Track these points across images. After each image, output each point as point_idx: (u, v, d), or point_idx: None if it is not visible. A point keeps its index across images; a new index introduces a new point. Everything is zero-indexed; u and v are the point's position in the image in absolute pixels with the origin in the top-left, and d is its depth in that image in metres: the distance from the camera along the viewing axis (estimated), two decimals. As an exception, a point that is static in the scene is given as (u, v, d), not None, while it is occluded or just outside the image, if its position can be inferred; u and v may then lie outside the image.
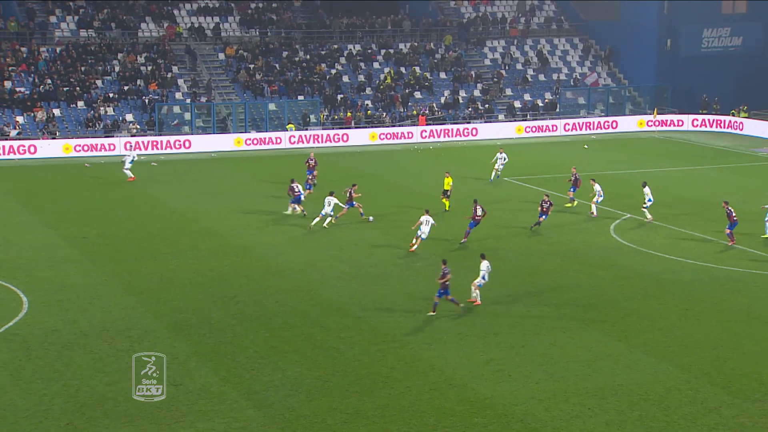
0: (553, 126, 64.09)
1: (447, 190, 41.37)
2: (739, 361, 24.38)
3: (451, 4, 75.72)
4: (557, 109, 67.29)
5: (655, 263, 33.44)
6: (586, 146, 59.21)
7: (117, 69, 62.98)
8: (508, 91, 68.80)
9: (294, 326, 27.17)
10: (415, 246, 34.72)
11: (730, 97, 66.73)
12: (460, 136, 62.57)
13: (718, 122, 63.99)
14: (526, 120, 65.40)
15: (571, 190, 42.05)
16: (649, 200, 38.95)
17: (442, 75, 69.02)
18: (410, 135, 62.11)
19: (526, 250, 35.33)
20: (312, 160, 45.71)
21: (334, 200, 37.92)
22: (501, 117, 66.31)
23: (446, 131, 62.75)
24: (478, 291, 28.98)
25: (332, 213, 38.05)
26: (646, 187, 39.30)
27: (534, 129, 63.89)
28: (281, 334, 26.58)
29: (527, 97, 68.70)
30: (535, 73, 70.70)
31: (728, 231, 35.39)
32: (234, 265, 33.27)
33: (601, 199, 40.01)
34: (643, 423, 21.27)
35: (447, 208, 41.11)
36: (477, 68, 70.35)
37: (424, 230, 34.63)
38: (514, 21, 74.51)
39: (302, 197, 40.03)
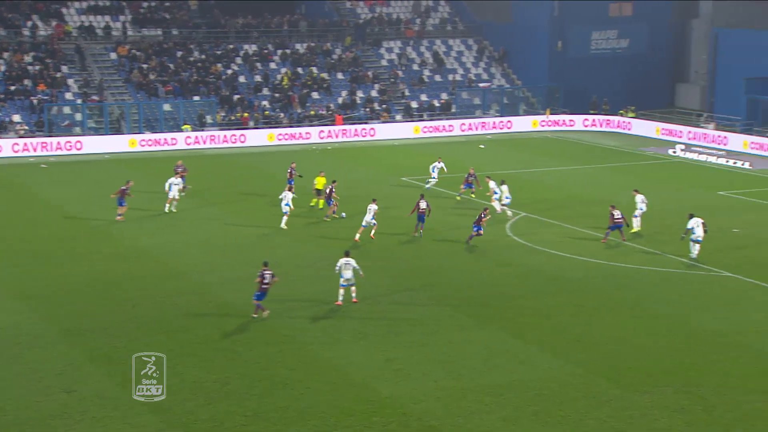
0: (449, 126, 64.77)
1: (320, 190, 41.37)
2: (628, 355, 25.05)
3: (347, 4, 75.80)
4: (453, 110, 68.04)
5: (550, 261, 34.10)
6: (482, 146, 60.04)
7: (3, 68, 60.95)
8: (405, 92, 69.23)
9: (192, 329, 26.76)
10: (358, 236, 35.69)
11: (619, 98, 68.60)
12: (358, 136, 62.67)
13: (608, 122, 65.72)
14: (422, 120, 65.92)
15: (464, 187, 42.88)
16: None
17: (340, 75, 69.01)
18: (308, 135, 61.91)
19: (424, 249, 35.59)
20: (180, 167, 44.35)
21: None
22: (398, 117, 66.69)
23: (344, 131, 62.76)
24: (344, 291, 28.94)
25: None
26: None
27: (431, 129, 64.44)
28: (179, 337, 26.13)
29: (424, 97, 69.26)
30: (431, 73, 71.32)
31: (608, 231, 36.11)
32: (130, 268, 32.57)
33: (497, 195, 40.62)
34: (539, 418, 21.66)
35: (321, 207, 41.15)
36: (374, 69, 70.57)
37: (368, 219, 35.48)
38: (410, 22, 75.03)
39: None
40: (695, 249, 33.77)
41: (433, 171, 45.48)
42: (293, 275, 32.23)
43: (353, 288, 29.06)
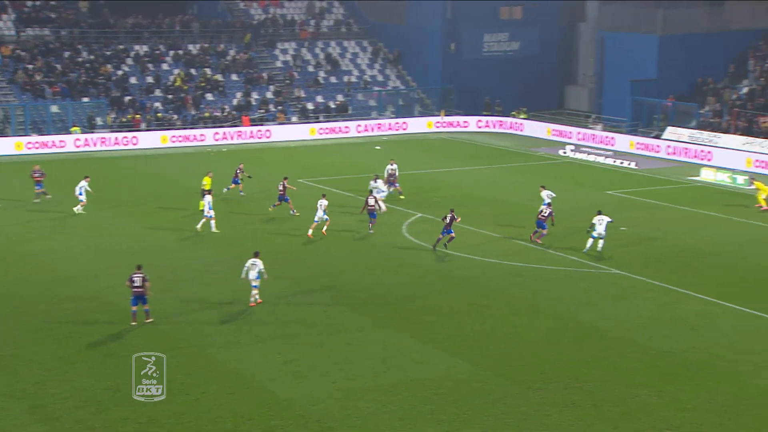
0: (345, 128, 64.88)
1: (206, 190, 40.93)
2: (522, 352, 25.54)
3: (241, 5, 75.14)
4: (349, 111, 68.18)
5: (447, 260, 34.49)
6: (378, 147, 60.31)
7: None
8: (301, 93, 69.05)
9: (83, 335, 26.11)
10: (311, 231, 36.41)
11: (511, 99, 69.87)
12: (254, 138, 62.20)
13: (500, 123, 66.88)
14: (319, 122, 65.87)
15: (394, 186, 43.64)
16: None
17: (234, 77, 68.36)
18: (203, 137, 61.15)
19: (323, 250, 35.57)
20: (37, 172, 43.04)
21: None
22: (294, 119, 66.48)
23: (239, 133, 62.21)
24: (255, 291, 28.88)
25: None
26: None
27: (327, 131, 64.44)
28: (69, 344, 25.47)
29: (320, 99, 69.21)
30: (326, 75, 71.32)
31: (539, 229, 36.42)
32: (18, 274, 31.58)
33: (383, 194, 41.15)
34: (434, 417, 21.88)
35: (201, 208, 40.74)
36: (269, 70, 70.16)
37: (319, 214, 36.33)
38: (304, 23, 74.87)
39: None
40: (589, 243, 34.72)
41: (387, 174, 45.34)
42: (189, 278, 31.78)
43: (255, 290, 28.90)
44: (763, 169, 49.63)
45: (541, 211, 36.28)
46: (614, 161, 54.40)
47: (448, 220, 34.82)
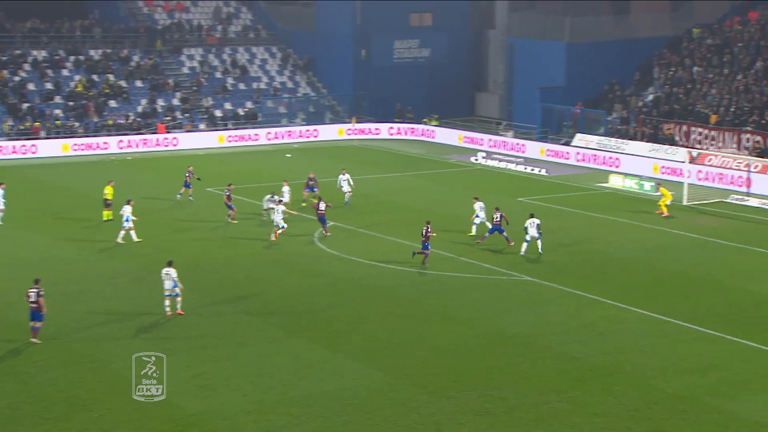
0: (255, 135, 64.53)
1: (108, 200, 40.37)
2: (435, 361, 25.75)
3: (144, 9, 74.09)
4: (258, 118, 67.83)
5: (359, 269, 34.57)
6: (288, 155, 60.14)
7: None
8: (209, 100, 68.44)
9: (-20, 354, 25.35)
10: (274, 237, 37.21)
11: (422, 106, 70.49)
12: (160, 146, 61.37)
13: (412, 130, 67.38)
14: (227, 129, 65.36)
15: (307, 191, 43.95)
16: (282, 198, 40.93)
17: (139, 83, 67.37)
18: (106, 145, 60.09)
19: (232, 260, 35.29)
20: None
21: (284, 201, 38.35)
22: (202, 126, 65.83)
23: (145, 141, 61.30)
24: (169, 301, 28.58)
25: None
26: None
27: (236, 138, 64.00)
28: (-34, 363, 24.71)
29: (228, 106, 68.69)
30: (235, 81, 70.83)
31: (503, 234, 36.91)
32: None
33: (284, 199, 41.42)
34: (348, 428, 21.91)
35: (106, 219, 40.17)
36: (175, 76, 69.34)
37: (277, 219, 37.24)
38: (211, 29, 74.24)
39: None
40: (524, 247, 35.73)
41: (340, 184, 44.77)
42: (92, 291, 31.17)
43: (178, 299, 28.68)
44: (668, 176, 51.11)
45: (494, 218, 36.72)
46: (525, 168, 55.36)
47: (424, 234, 34.43)
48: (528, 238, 35.68)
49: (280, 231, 37.69)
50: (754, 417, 22.21)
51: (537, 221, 35.73)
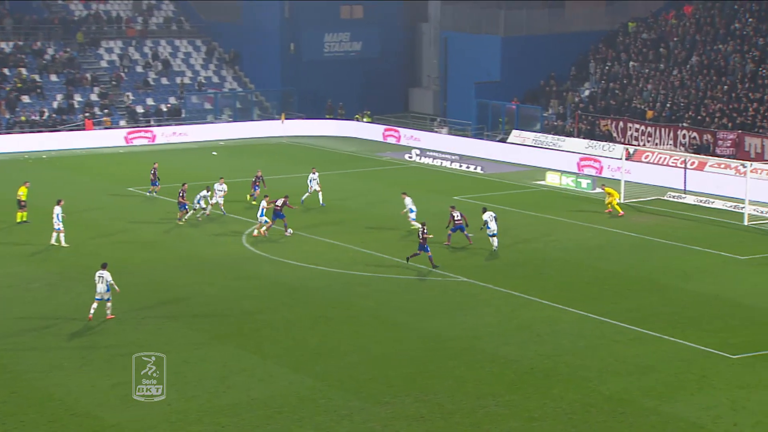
0: (180, 132, 63.89)
1: (22, 201, 39.71)
2: (368, 366, 25.77)
3: (59, 0, 72.79)
4: (183, 115, 67.17)
5: (289, 272, 34.45)
6: (214, 153, 59.67)
7: None
8: (129, 95, 67.56)
9: None
10: (257, 232, 37.86)
11: (354, 102, 70.52)
12: (79, 145, 60.44)
13: (344, 127, 67.35)
14: (150, 126, 64.60)
15: (255, 189, 43.94)
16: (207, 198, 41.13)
17: (54, 77, 66.18)
18: (20, 144, 58.97)
19: (155, 263, 34.89)
20: None
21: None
22: (123, 123, 64.95)
23: (62, 139, 60.31)
24: (96, 305, 28.28)
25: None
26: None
27: (160, 135, 63.28)
28: None
29: (150, 101, 67.89)
30: (157, 76, 70.03)
31: (450, 232, 37.39)
32: None
33: (216, 200, 41.27)
34: (279, 436, 21.82)
35: (20, 221, 39.53)
36: (93, 70, 68.29)
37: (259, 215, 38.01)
38: (131, 21, 73.28)
39: None
40: (495, 242, 36.52)
41: (310, 183, 44.31)
42: (6, 297, 30.54)
43: (108, 304, 28.40)
44: (606, 172, 51.86)
45: (453, 216, 37.03)
46: (460, 165, 55.73)
47: (420, 236, 34.26)
48: (494, 232, 36.55)
49: (264, 228, 38.15)
50: (691, 418, 22.67)
51: (494, 214, 36.70)
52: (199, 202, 40.75)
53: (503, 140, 61.05)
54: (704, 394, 23.86)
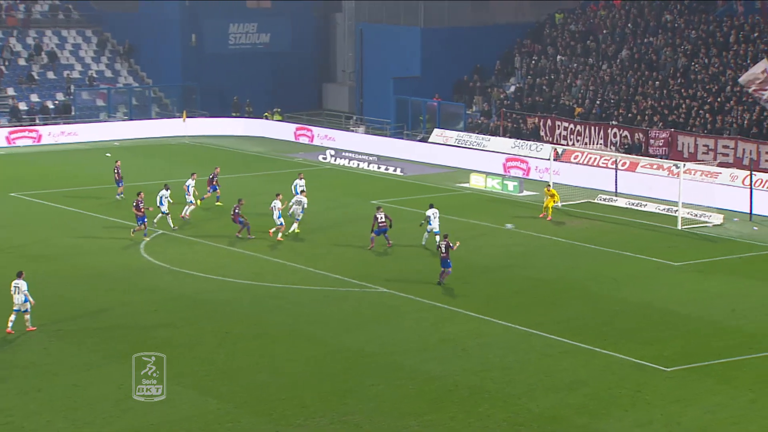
0: (69, 132, 62.84)
1: None
2: (280, 385, 25.66)
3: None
4: (72, 112, 66.06)
5: (191, 283, 34.15)
6: (108, 154, 58.80)
7: None
8: (10, 91, 66.17)
9: None
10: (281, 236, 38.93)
11: (263, 99, 70.24)
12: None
13: (252, 125, 67.02)
14: (35, 125, 63.40)
15: (210, 189, 44.13)
16: (164, 203, 40.52)
17: None
18: None
19: (44, 276, 34.20)
20: None
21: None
22: (4, 122, 63.61)
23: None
24: (15, 317, 28.19)
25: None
26: (168, 190, 40.64)
27: (46, 134, 62.19)
28: None
29: (35, 97, 66.66)
30: (42, 70, 68.78)
31: (384, 235, 38.00)
32: None
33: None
34: (182, 464, 21.61)
35: None
36: (-32, 63, 66.82)
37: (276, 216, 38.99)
38: (12, 8, 71.83)
39: None
40: (425, 237, 38.36)
41: (295, 190, 43.68)
42: None
43: (27, 315, 28.16)
44: (533, 173, 52.55)
45: (377, 218, 37.83)
46: (378, 167, 55.92)
47: (443, 249, 33.88)
48: (429, 228, 37.72)
49: (276, 229, 39.02)
50: (625, 435, 23.10)
51: (437, 212, 37.86)
52: (161, 204, 40.06)
53: (424, 140, 61.44)
54: (638, 410, 24.32)
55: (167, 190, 40.34)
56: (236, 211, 39.52)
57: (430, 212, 38.12)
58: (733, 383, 25.81)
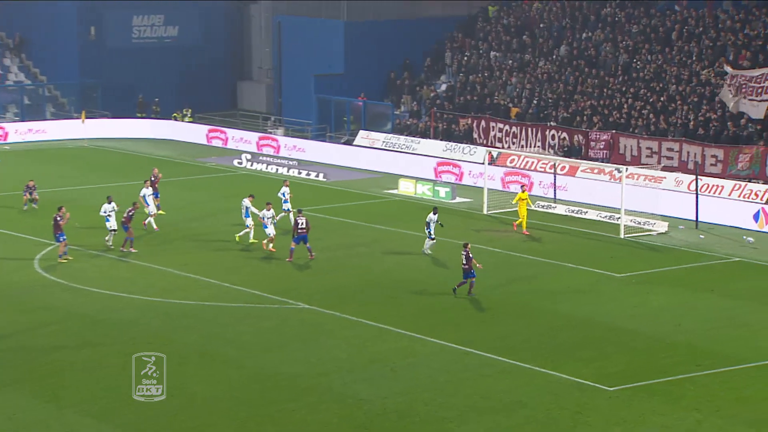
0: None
1: None
2: (192, 412, 25.49)
3: None
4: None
5: (93, 302, 33.82)
6: (-3, 159, 57.98)
7: None
8: None
9: None
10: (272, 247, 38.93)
11: (171, 98, 69.74)
12: None
13: (159, 127, 66.49)
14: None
15: (154, 195, 43.46)
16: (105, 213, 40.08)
17: None
18: None
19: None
20: None
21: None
22: None
23: None
24: None
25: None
26: (110, 203, 39.86)
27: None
28: None
29: None
30: None
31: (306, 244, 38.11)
32: None
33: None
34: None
35: None
36: None
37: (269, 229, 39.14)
38: None
39: None
40: (427, 243, 39.45)
41: (283, 197, 43.26)
42: None
43: None
44: (466, 178, 52.93)
45: (297, 223, 37.90)
46: (299, 172, 55.87)
47: (464, 260, 34.13)
48: (432, 235, 38.55)
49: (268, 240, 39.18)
50: (566, 460, 23.39)
51: (435, 217, 38.78)
52: (108, 221, 39.29)
53: (349, 142, 61.54)
54: (579, 433, 24.65)
55: (110, 204, 39.63)
56: (130, 214, 39.03)
57: (430, 218, 39.12)
58: (680, 403, 26.28)
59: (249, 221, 40.28)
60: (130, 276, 36.72)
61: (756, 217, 44.17)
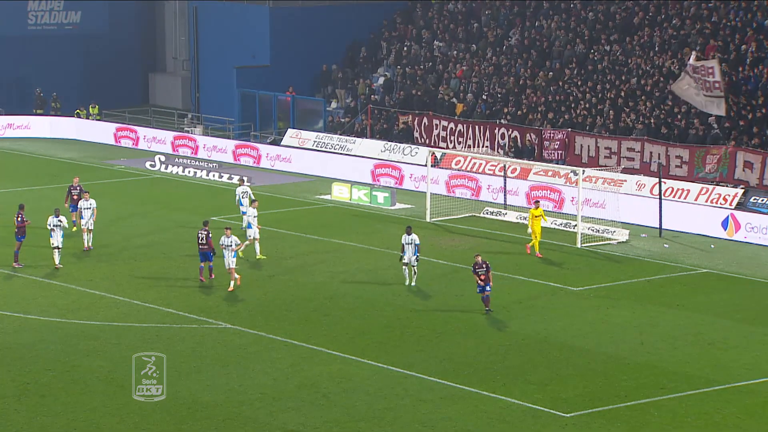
0: None
1: None
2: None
3: None
4: None
5: (-16, 323, 33.50)
6: None
7: None
8: None
9: None
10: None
11: (74, 92, 69.22)
12: None
13: (60, 125, 65.94)
14: None
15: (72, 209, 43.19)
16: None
17: None
18: None
19: None
20: None
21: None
22: None
23: None
24: None
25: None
26: (57, 216, 39.63)
27: None
28: None
29: None
30: None
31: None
32: None
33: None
34: None
35: None
36: None
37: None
38: None
39: None
40: (406, 273, 37.69)
41: (239, 201, 43.68)
42: None
43: None
44: (407, 182, 53.11)
45: (198, 238, 37.30)
46: (220, 176, 55.67)
47: (483, 274, 34.71)
48: (405, 260, 37.24)
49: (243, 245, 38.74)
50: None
51: (416, 239, 37.18)
52: (51, 236, 38.70)
53: (275, 142, 61.46)
54: (532, 464, 24.84)
55: (57, 217, 39.16)
56: (22, 218, 38.65)
57: (404, 239, 37.30)
58: (643, 431, 26.53)
59: (251, 226, 40.22)
60: (29, 294, 36.38)
61: (725, 224, 44.73)
